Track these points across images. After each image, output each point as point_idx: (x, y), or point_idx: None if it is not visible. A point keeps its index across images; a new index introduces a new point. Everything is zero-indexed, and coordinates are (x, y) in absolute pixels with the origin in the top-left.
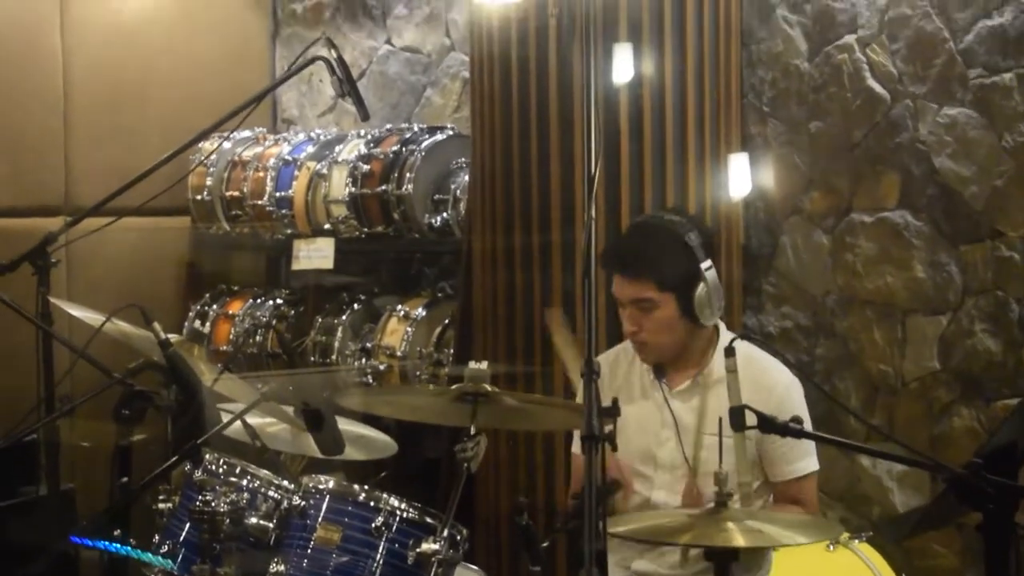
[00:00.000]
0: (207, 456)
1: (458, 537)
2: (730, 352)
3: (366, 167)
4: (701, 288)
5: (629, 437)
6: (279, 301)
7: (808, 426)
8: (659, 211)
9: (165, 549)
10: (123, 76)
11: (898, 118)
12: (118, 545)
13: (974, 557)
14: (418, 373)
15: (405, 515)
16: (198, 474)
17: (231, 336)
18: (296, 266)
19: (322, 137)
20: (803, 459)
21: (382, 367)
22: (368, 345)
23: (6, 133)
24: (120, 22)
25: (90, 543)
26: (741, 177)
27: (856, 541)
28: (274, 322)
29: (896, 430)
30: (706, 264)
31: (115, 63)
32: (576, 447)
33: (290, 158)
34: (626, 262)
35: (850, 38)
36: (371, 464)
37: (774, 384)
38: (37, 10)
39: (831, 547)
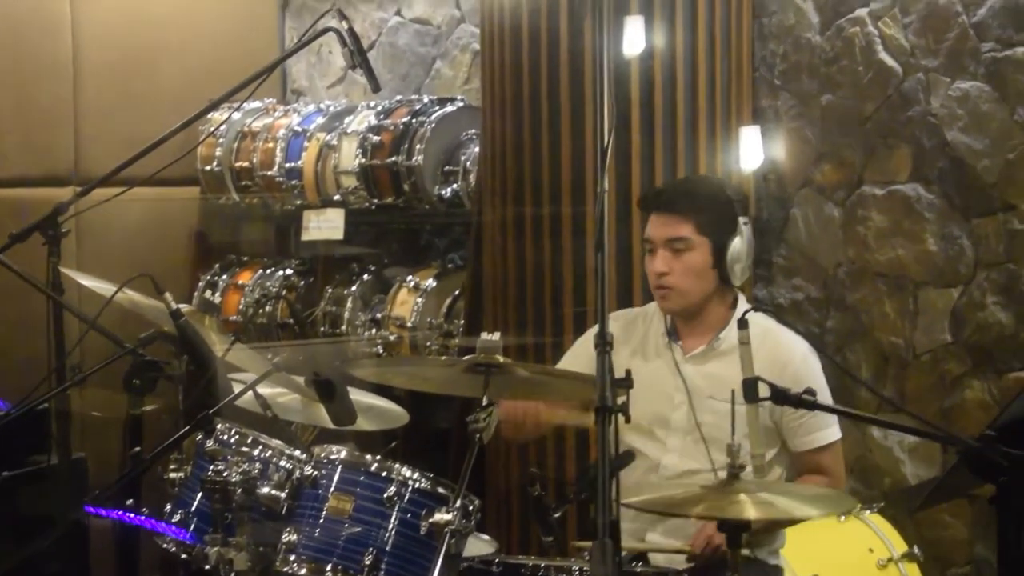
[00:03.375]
0: (219, 426)
1: (470, 507)
2: (743, 324)
3: (376, 138)
4: (736, 241)
5: (642, 399)
6: (289, 272)
7: (827, 397)
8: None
9: (177, 518)
10: (133, 45)
11: (910, 91)
12: (130, 514)
13: (985, 529)
14: (428, 344)
15: (417, 485)
16: (210, 444)
17: (240, 306)
18: (306, 237)
19: (332, 108)
20: (823, 429)
21: (392, 338)
22: (378, 316)
23: (16, 103)
24: None
25: (102, 512)
26: (752, 150)
27: (867, 512)
28: (284, 292)
29: (907, 402)
30: (744, 219)
31: (125, 32)
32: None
33: (300, 129)
34: (667, 199)
35: (862, 11)
36: (382, 434)
37: (790, 357)
38: None
39: (842, 518)
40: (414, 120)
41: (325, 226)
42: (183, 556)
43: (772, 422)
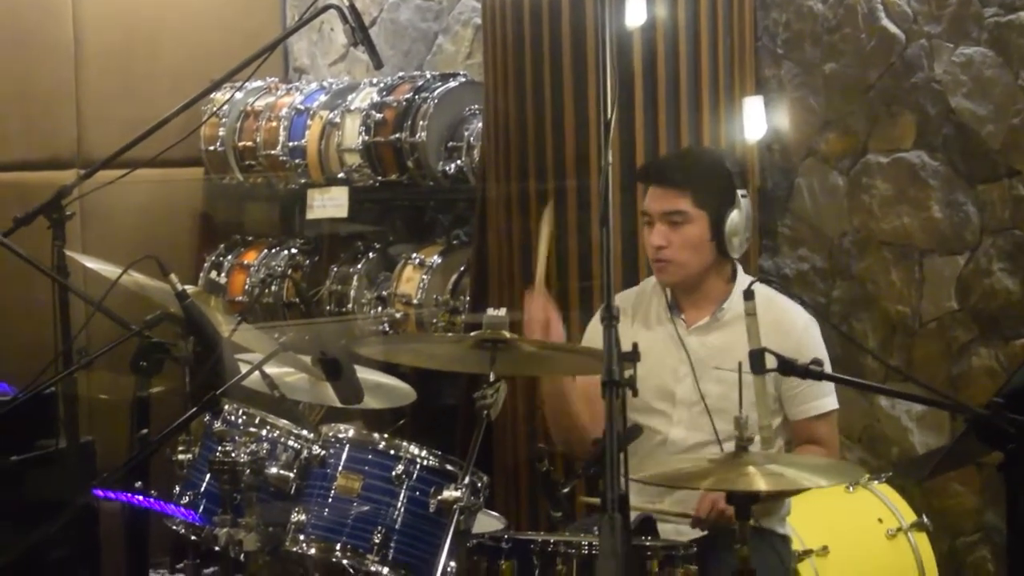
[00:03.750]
0: (226, 407)
1: (479, 484)
2: (749, 295)
3: (379, 115)
4: (735, 213)
5: (648, 373)
6: (294, 251)
7: (826, 365)
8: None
9: (186, 500)
10: (134, 26)
11: (913, 58)
12: (139, 497)
13: (994, 496)
14: (434, 321)
15: (425, 463)
16: (217, 425)
17: (246, 286)
18: (310, 215)
19: (334, 86)
20: (821, 398)
21: (398, 315)
22: (384, 293)
23: (18, 87)
24: None
25: (111, 495)
26: (756, 120)
27: (875, 482)
28: (289, 272)
29: (914, 370)
30: (742, 192)
31: (126, 13)
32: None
33: (302, 107)
34: (664, 173)
35: None
36: (390, 412)
37: (792, 325)
38: None
39: (851, 488)
40: (417, 96)
41: (329, 204)
42: (192, 538)
43: (774, 389)
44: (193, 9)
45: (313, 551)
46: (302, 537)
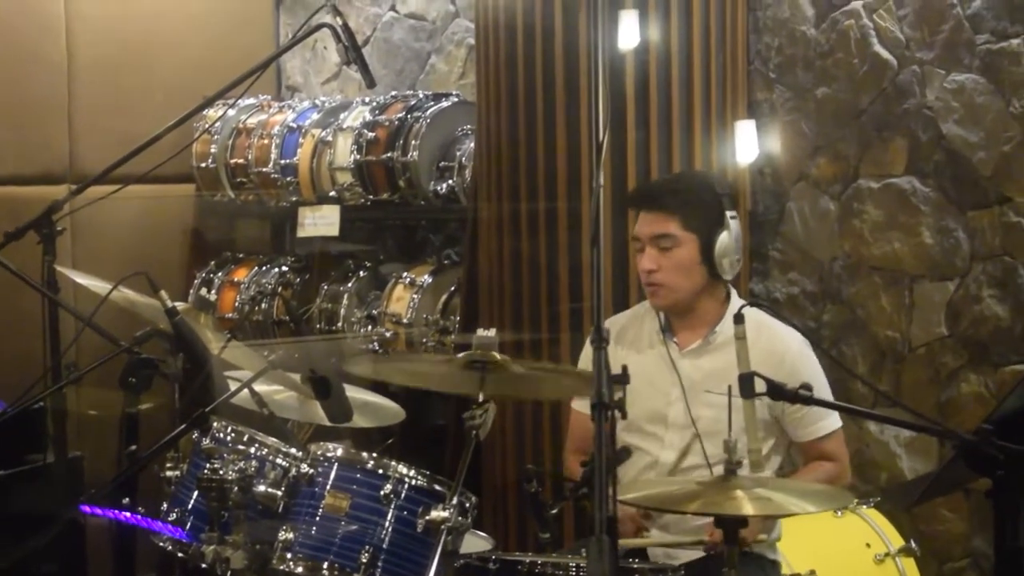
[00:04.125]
0: (215, 424)
1: (467, 504)
2: (739, 319)
3: (371, 134)
4: (724, 236)
5: (639, 396)
6: (284, 268)
7: (825, 387)
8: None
9: (173, 517)
10: (127, 42)
11: (905, 84)
12: (126, 513)
13: (982, 522)
14: (424, 340)
15: (414, 482)
16: (206, 442)
17: (236, 303)
18: (301, 233)
19: (327, 104)
20: (824, 419)
21: (388, 334)
22: (374, 312)
23: (10, 101)
24: None
25: (98, 511)
26: (748, 144)
27: (864, 507)
28: (280, 289)
29: (903, 396)
30: (731, 213)
31: (119, 29)
32: (576, 403)
33: (295, 125)
34: (652, 197)
35: (857, 4)
36: (379, 431)
37: (786, 349)
38: None
39: (839, 513)
40: (409, 116)
41: (320, 223)
42: (180, 555)
43: (772, 416)
44: (186, 25)
45: (300, 570)
46: (289, 556)
